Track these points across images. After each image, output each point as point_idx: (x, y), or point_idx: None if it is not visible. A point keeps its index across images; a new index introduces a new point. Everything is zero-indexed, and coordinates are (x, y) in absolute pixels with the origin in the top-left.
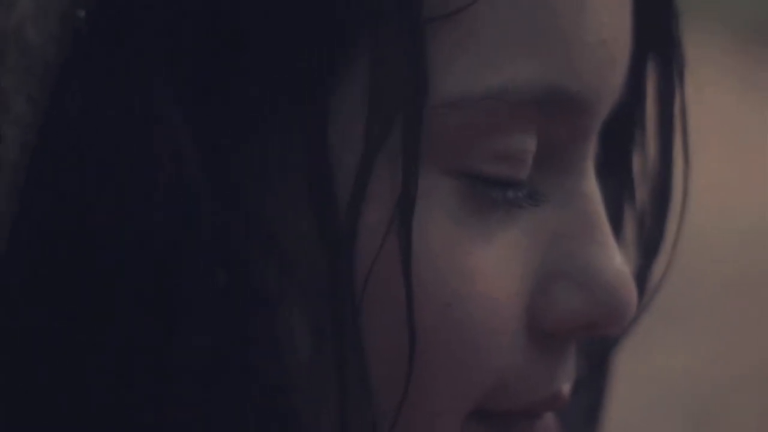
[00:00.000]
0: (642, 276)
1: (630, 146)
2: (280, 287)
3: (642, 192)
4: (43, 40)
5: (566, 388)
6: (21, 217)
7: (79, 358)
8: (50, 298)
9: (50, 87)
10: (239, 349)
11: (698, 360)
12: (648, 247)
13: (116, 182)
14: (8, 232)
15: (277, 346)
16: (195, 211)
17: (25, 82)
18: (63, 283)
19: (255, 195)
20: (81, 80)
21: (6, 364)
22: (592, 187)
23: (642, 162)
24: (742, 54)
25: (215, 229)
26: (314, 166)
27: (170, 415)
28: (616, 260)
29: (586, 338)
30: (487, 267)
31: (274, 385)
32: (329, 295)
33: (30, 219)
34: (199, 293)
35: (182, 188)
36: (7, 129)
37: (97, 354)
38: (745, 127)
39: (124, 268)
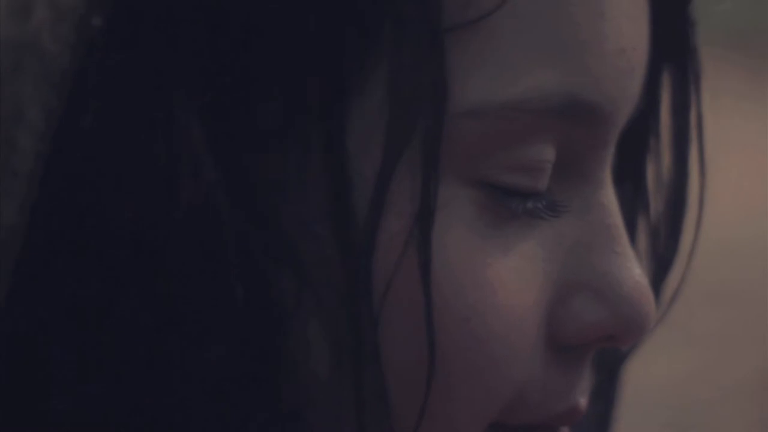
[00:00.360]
0: (656, 286)
1: (644, 155)
2: (298, 299)
3: (656, 202)
4: (59, 48)
5: (583, 401)
6: (34, 227)
7: (90, 370)
8: (64, 307)
9: (66, 96)
10: (256, 362)
11: (684, 373)
12: (662, 258)
13: (133, 193)
14: (22, 242)
15: (294, 359)
16: (214, 223)
17: (41, 90)
18: (77, 293)
19: (274, 206)
20: (97, 89)
21: (14, 366)
22: (610, 197)
23: (656, 171)
24: (721, 62)
25: (234, 242)
26: (333, 177)
27: (182, 429)
28: (636, 272)
29: (600, 349)
30: (506, 278)
31: (291, 398)
32: (347, 307)
33: (44, 230)
34: (217, 305)
35: (201, 200)
36: (22, 138)
37: (109, 365)
38: (730, 135)
39: (140, 280)
